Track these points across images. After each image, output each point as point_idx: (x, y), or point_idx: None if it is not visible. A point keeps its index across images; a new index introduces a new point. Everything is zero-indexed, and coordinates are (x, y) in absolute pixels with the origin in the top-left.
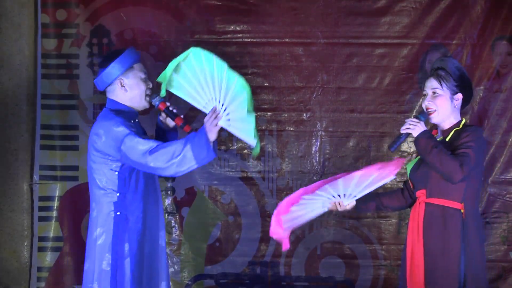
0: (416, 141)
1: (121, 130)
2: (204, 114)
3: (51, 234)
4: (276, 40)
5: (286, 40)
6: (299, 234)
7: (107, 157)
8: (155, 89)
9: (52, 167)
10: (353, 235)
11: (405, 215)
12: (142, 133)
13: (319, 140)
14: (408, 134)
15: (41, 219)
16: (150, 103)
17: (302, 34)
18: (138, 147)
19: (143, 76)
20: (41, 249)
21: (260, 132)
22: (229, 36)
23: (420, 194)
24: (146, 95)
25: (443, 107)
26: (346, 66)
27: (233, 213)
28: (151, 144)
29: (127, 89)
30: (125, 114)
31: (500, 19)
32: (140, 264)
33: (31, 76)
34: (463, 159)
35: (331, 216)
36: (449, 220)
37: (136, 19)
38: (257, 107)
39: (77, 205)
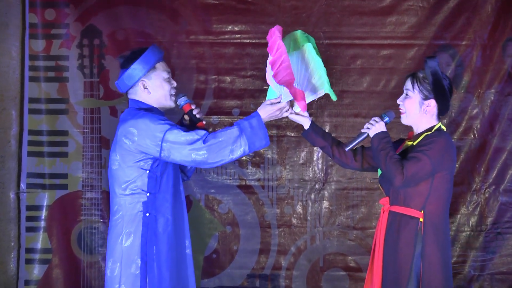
0: (371, 142)
1: (160, 126)
2: None
3: (39, 246)
4: None
5: None
6: (301, 246)
7: (140, 156)
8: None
9: (40, 175)
10: (358, 246)
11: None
12: None
13: None
14: (367, 134)
15: (29, 229)
16: (175, 102)
17: None
18: (184, 141)
19: (166, 76)
20: (28, 261)
21: None
22: (226, 36)
23: (384, 201)
24: (171, 95)
25: (411, 111)
26: (349, 68)
27: (231, 223)
28: (196, 136)
29: (150, 91)
30: (154, 111)
31: None
32: (171, 269)
33: (18, 79)
34: (408, 163)
35: (335, 227)
36: (402, 228)
37: (129, 19)
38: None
39: (67, 215)
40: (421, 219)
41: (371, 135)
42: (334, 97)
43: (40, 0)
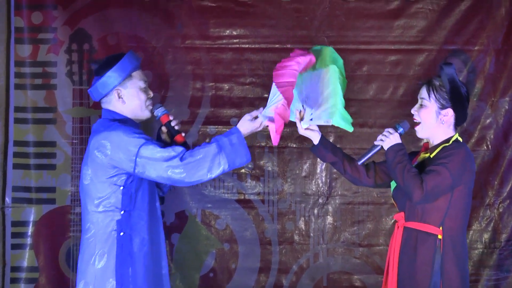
0: (386, 155)
1: (134, 140)
2: None
3: (26, 264)
4: (277, 46)
5: (288, 46)
6: (303, 264)
7: (113, 171)
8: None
9: (27, 188)
10: (364, 264)
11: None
12: None
13: None
14: (380, 147)
15: (14, 246)
16: (152, 112)
17: (306, 39)
18: (160, 157)
19: (143, 85)
20: (14, 281)
21: (259, 149)
22: (224, 41)
23: (399, 217)
24: (147, 105)
25: (427, 121)
26: (355, 75)
27: (229, 239)
28: (173, 152)
29: (125, 100)
30: (128, 123)
31: None
32: None
33: (3, 87)
34: (427, 177)
35: (339, 244)
36: (419, 246)
37: (121, 22)
38: None
39: (55, 231)
40: (439, 236)
41: (385, 147)
42: (349, 129)
43: (26, 2)
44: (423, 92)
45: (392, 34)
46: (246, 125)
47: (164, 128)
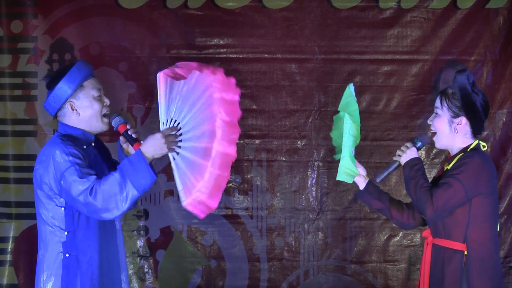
0: (403, 171)
1: (63, 162)
2: None
3: (5, 281)
4: (266, 55)
5: (278, 56)
6: (293, 281)
7: (51, 193)
8: (114, 107)
9: (6, 203)
10: (356, 282)
11: (416, 259)
12: (99, 160)
13: (315, 172)
14: (398, 163)
15: None
16: (109, 123)
17: (296, 48)
18: (77, 186)
19: (96, 94)
20: None
21: (247, 163)
22: (211, 51)
23: (427, 234)
24: (103, 115)
25: (441, 131)
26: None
27: (216, 256)
28: (87, 182)
29: (80, 112)
30: (77, 141)
31: None
32: None
33: None
34: (438, 191)
35: (330, 260)
36: (446, 264)
37: (103, 32)
38: (244, 133)
39: (35, 247)
40: (465, 252)
41: (402, 163)
42: (349, 181)
43: (6, 11)
44: (437, 101)
45: (385, 43)
46: (147, 142)
47: (122, 138)
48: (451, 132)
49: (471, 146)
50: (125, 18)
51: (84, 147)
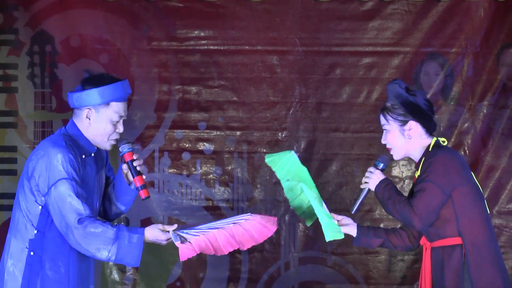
0: (375, 196)
1: (61, 169)
2: None
3: None
4: (247, 47)
5: (259, 47)
6: (274, 273)
7: (36, 186)
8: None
9: None
10: (336, 273)
11: (396, 251)
12: (93, 174)
13: None
14: (368, 189)
15: None
16: (117, 147)
17: (277, 41)
18: (71, 204)
19: (115, 118)
20: None
21: (228, 154)
22: (192, 43)
23: (424, 241)
24: (111, 139)
25: (396, 143)
26: (328, 78)
27: None
28: (84, 211)
29: (91, 123)
30: (78, 148)
31: (507, 24)
32: None
33: None
34: (415, 200)
35: (311, 252)
36: (446, 259)
37: (84, 24)
38: (225, 125)
39: None
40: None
41: (372, 188)
42: (340, 236)
43: None
44: (381, 119)
45: (366, 36)
46: (154, 232)
47: (125, 166)
48: (406, 140)
49: (431, 145)
50: (106, 10)
51: (83, 156)
